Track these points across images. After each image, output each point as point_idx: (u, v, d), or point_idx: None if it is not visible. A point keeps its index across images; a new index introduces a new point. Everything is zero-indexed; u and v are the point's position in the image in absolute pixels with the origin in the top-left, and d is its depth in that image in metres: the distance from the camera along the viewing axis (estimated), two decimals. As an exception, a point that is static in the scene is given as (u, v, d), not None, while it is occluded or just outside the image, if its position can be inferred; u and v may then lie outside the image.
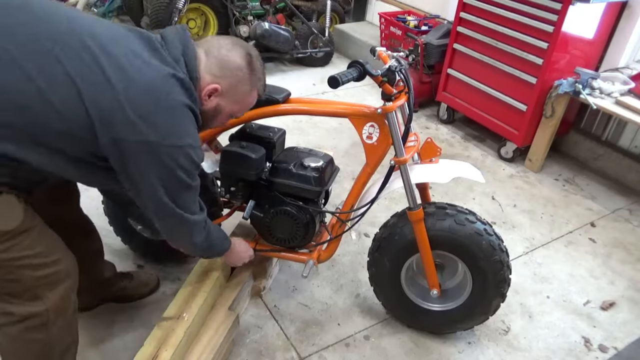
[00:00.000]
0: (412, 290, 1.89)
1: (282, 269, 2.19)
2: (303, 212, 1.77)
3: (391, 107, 1.58)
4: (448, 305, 1.85)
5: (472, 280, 1.76)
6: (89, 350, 1.78)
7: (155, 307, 1.96)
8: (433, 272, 1.77)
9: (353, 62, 1.48)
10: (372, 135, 1.68)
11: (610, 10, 2.86)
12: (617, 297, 2.22)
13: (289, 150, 1.88)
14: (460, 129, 3.57)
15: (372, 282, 1.92)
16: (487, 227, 1.71)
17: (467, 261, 1.73)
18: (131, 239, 2.14)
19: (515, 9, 2.86)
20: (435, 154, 1.76)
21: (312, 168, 1.74)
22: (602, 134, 3.20)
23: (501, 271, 1.71)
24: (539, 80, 2.85)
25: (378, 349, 1.89)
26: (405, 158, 1.63)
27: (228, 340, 1.75)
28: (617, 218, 2.77)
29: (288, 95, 1.78)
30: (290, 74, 4.27)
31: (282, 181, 1.75)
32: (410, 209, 1.67)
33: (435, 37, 3.52)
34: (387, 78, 1.54)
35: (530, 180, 3.04)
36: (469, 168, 1.77)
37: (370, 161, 1.72)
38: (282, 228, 1.81)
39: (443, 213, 1.71)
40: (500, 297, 1.77)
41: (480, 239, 1.67)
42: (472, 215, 1.71)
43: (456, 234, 1.68)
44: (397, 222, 1.77)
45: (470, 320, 1.86)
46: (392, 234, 1.77)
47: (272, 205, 1.79)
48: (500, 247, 1.70)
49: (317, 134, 3.25)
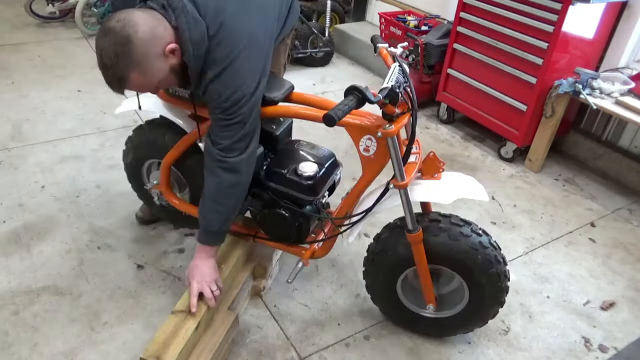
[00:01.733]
0: (409, 299, 1.87)
1: (282, 269, 2.19)
2: (296, 215, 1.74)
3: (392, 132, 1.44)
4: (445, 313, 1.83)
5: (469, 292, 1.72)
6: (89, 350, 1.78)
7: (155, 308, 1.96)
8: (430, 289, 1.73)
9: (351, 88, 1.30)
10: (369, 148, 1.57)
11: (610, 10, 2.86)
12: (617, 297, 2.22)
13: (290, 146, 1.83)
14: (460, 129, 3.57)
15: (369, 291, 1.91)
16: (482, 238, 1.63)
17: (463, 275, 1.69)
18: (151, 204, 2.22)
19: (515, 9, 2.85)
20: (438, 170, 1.64)
21: (306, 177, 1.68)
22: (602, 134, 3.20)
23: (499, 282, 1.66)
24: (539, 80, 2.85)
25: (378, 349, 1.89)
26: (405, 182, 1.52)
27: (227, 340, 1.75)
28: (617, 218, 2.76)
29: (290, 89, 1.71)
30: (290, 74, 4.24)
31: (275, 186, 1.73)
32: (409, 231, 1.59)
33: (435, 37, 3.52)
34: (389, 100, 1.38)
35: (530, 180, 3.04)
36: (472, 185, 1.69)
37: (366, 174, 1.64)
38: (275, 227, 1.80)
39: (437, 228, 1.62)
40: (498, 305, 1.74)
41: (476, 254, 1.61)
42: (466, 227, 1.63)
43: (451, 250, 1.62)
44: (389, 238, 1.71)
45: (468, 326, 1.85)
46: (385, 250, 1.72)
47: (267, 205, 1.78)
48: (497, 259, 1.64)
49: (317, 134, 3.25)
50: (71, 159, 2.81)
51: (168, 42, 1.38)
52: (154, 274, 2.11)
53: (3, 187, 2.53)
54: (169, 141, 1.93)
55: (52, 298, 1.96)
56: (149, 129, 2.02)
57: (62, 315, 1.90)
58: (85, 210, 2.42)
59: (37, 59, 4.02)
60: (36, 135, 2.99)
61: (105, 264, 2.14)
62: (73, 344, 1.80)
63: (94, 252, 2.19)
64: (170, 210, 2.14)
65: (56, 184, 2.59)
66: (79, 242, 2.24)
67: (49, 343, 1.79)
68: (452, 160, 3.16)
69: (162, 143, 1.95)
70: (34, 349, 1.76)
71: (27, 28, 4.59)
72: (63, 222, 2.34)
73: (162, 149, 1.95)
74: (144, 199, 2.27)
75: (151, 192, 2.11)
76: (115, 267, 2.13)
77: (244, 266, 1.99)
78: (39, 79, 3.68)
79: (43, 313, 1.90)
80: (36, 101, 3.37)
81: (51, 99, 3.42)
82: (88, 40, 4.46)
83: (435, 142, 3.37)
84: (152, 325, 1.88)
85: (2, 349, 1.75)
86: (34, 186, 2.56)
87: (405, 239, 1.64)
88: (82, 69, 3.91)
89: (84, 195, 2.53)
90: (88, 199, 2.50)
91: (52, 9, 4.62)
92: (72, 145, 2.93)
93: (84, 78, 3.75)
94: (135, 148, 2.08)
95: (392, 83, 1.37)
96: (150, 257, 2.19)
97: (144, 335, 1.84)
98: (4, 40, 4.27)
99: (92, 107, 3.36)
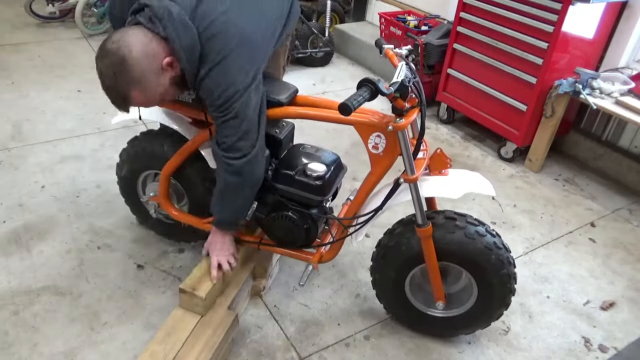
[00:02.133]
0: (416, 297, 1.87)
1: (282, 269, 2.19)
2: (305, 217, 1.74)
3: (403, 125, 1.47)
4: (452, 312, 1.83)
5: (478, 291, 1.73)
6: (89, 350, 1.78)
7: (155, 307, 1.96)
8: (440, 286, 1.74)
9: (363, 80, 1.34)
10: (378, 145, 1.59)
11: (610, 10, 2.86)
12: (617, 297, 2.22)
13: (295, 150, 1.83)
14: (460, 129, 3.57)
15: (375, 287, 1.91)
16: (496, 240, 1.65)
17: (475, 274, 1.70)
18: (146, 220, 2.21)
19: (515, 9, 2.85)
20: (446, 166, 1.67)
21: (315, 177, 1.68)
22: (602, 134, 3.20)
23: (508, 284, 1.68)
24: (539, 80, 2.85)
25: (378, 349, 1.89)
26: (416, 176, 1.55)
27: (227, 340, 1.75)
28: (617, 218, 2.76)
29: (294, 92, 1.71)
30: (290, 74, 4.26)
31: (284, 187, 1.72)
32: (419, 226, 1.61)
33: (435, 37, 3.52)
34: (399, 93, 1.42)
35: (530, 180, 3.04)
36: (479, 180, 1.71)
37: (375, 171, 1.65)
38: (284, 231, 1.79)
39: (452, 225, 1.64)
40: (504, 306, 1.76)
41: (490, 254, 1.63)
42: (481, 227, 1.65)
43: (466, 248, 1.63)
44: (404, 232, 1.72)
45: (473, 326, 1.85)
46: (399, 244, 1.72)
47: (274, 209, 1.77)
48: (509, 261, 1.66)
49: (317, 134, 3.25)
50: (71, 159, 2.81)
51: (164, 56, 1.41)
52: (154, 274, 2.11)
53: (3, 187, 2.53)
54: (168, 151, 1.89)
55: (52, 298, 1.96)
56: (146, 139, 1.97)
57: (62, 315, 1.90)
58: (85, 210, 2.42)
59: (37, 59, 4.02)
60: (36, 135, 2.99)
61: (105, 264, 2.14)
62: (73, 344, 1.80)
63: (94, 252, 2.19)
64: (167, 223, 2.13)
65: (56, 184, 2.59)
66: (79, 242, 2.24)
67: (49, 343, 1.79)
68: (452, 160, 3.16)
69: (161, 153, 1.91)
70: (34, 349, 1.76)
71: (27, 28, 4.59)
72: (63, 222, 2.34)
73: (160, 159, 1.91)
74: (138, 213, 2.23)
75: (147, 205, 2.08)
76: (115, 267, 2.13)
77: (243, 266, 1.99)
78: (39, 79, 3.68)
79: (43, 313, 1.90)
80: (36, 101, 3.37)
81: (51, 99, 3.42)
82: (88, 40, 4.46)
83: (435, 142, 3.37)
84: (152, 325, 1.88)
85: (2, 349, 1.75)
86: (34, 186, 2.56)
87: None
88: (82, 69, 3.91)
89: (84, 195, 2.53)
90: (88, 199, 2.50)
91: (52, 9, 4.62)
92: (72, 145, 2.93)
93: (84, 78, 3.75)
94: (130, 160, 2.03)
95: (402, 77, 1.39)
96: (150, 257, 2.19)
97: (143, 335, 1.84)
98: (4, 40, 4.27)
99: (92, 107, 3.36)
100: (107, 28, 4.65)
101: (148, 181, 2.10)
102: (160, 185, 1.96)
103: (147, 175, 2.08)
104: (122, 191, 2.18)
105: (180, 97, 1.73)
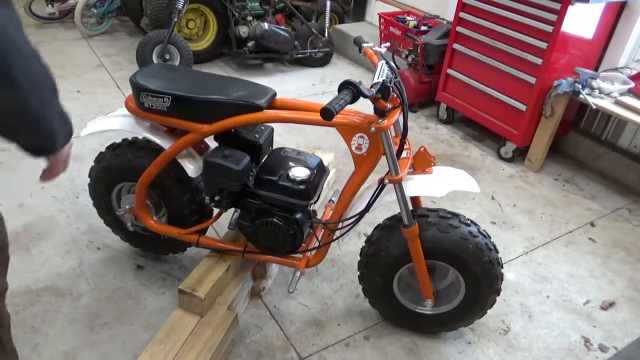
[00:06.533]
0: (406, 297, 1.87)
1: (282, 269, 2.19)
2: (290, 222, 1.71)
3: (386, 126, 1.46)
4: (444, 308, 1.84)
5: (465, 283, 1.74)
6: (88, 350, 1.78)
7: (155, 308, 1.96)
8: (428, 285, 1.74)
9: (345, 83, 1.30)
10: (361, 146, 1.57)
11: (609, 10, 2.86)
12: (617, 297, 2.22)
13: (276, 154, 1.78)
14: (459, 129, 3.57)
15: (367, 295, 1.90)
16: (471, 228, 1.65)
17: (457, 266, 1.70)
18: (121, 232, 2.14)
19: (515, 9, 2.86)
20: (429, 164, 1.66)
21: (299, 181, 1.65)
22: (601, 134, 3.20)
23: (492, 270, 1.69)
24: (538, 80, 2.85)
25: (378, 349, 1.89)
26: (400, 177, 1.54)
27: (227, 340, 1.75)
28: (617, 218, 2.77)
29: (273, 96, 1.68)
30: (289, 74, 4.27)
31: (267, 194, 1.69)
32: (405, 226, 1.60)
33: (435, 37, 3.53)
34: (381, 94, 1.41)
35: (530, 180, 3.04)
36: (463, 178, 1.70)
37: (359, 172, 1.63)
38: (269, 237, 1.76)
39: (426, 222, 1.65)
40: (495, 293, 1.76)
41: (467, 243, 1.63)
42: (454, 219, 1.65)
43: (442, 242, 1.64)
44: (381, 237, 1.72)
45: (468, 318, 1.85)
46: (378, 250, 1.73)
47: (258, 216, 1.73)
48: (488, 246, 1.67)
49: (317, 134, 3.25)
50: (71, 159, 2.80)
51: None
52: (154, 274, 2.11)
53: (3, 188, 2.53)
54: (144, 162, 1.83)
55: (52, 298, 1.96)
56: (121, 152, 1.90)
57: (62, 315, 1.90)
58: (85, 211, 2.42)
59: (37, 59, 4.01)
60: (36, 136, 2.98)
61: (105, 265, 2.14)
62: (73, 344, 1.80)
63: (94, 253, 2.20)
64: (144, 235, 2.06)
65: (56, 184, 2.59)
66: (78, 243, 2.24)
67: (49, 343, 1.79)
68: (451, 160, 3.17)
69: (136, 164, 1.85)
70: (34, 349, 1.76)
71: (26, 29, 4.51)
72: (63, 223, 2.34)
73: (134, 170, 1.85)
74: (113, 226, 2.13)
75: (124, 218, 2.01)
76: (115, 268, 2.13)
77: (243, 267, 1.99)
78: (39, 80, 3.67)
79: (43, 313, 1.90)
80: (36, 102, 3.36)
81: (51, 99, 3.42)
82: (87, 41, 4.46)
83: (435, 142, 3.37)
84: (151, 326, 1.88)
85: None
86: (34, 187, 2.56)
87: (396, 236, 1.66)
88: (81, 69, 3.91)
89: (84, 195, 2.53)
90: (88, 199, 2.50)
91: (52, 9, 4.62)
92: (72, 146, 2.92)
93: (83, 78, 3.75)
94: (104, 173, 1.95)
95: (383, 78, 1.38)
96: (150, 257, 2.19)
97: (143, 336, 1.84)
98: (3, 41, 4.26)
99: (92, 107, 3.36)
100: (106, 28, 4.66)
101: (122, 194, 2.03)
102: (137, 196, 1.88)
103: (120, 187, 2.00)
104: (95, 204, 2.09)
105: (153, 105, 1.65)
